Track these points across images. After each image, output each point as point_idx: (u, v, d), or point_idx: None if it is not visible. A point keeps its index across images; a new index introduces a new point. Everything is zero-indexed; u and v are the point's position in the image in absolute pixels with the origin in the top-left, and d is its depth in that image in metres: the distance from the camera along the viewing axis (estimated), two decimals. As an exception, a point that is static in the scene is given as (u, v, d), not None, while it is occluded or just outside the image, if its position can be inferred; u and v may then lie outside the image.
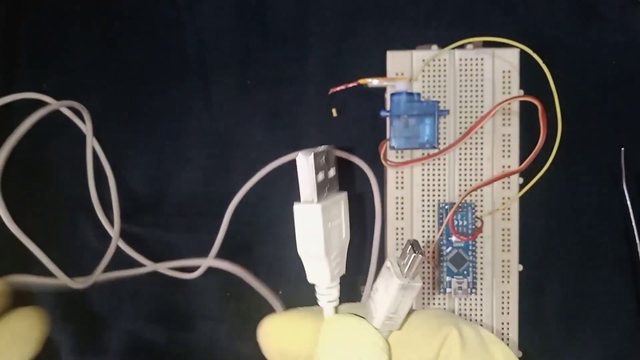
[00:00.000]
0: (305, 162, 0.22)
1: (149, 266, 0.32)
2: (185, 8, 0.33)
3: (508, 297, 0.30)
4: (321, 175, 0.22)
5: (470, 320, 0.30)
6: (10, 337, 0.22)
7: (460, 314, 0.30)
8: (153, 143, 0.33)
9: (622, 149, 0.31)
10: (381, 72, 0.31)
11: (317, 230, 0.21)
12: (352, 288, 0.31)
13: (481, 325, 0.30)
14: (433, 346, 0.21)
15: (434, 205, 0.30)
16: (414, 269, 0.21)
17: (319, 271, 0.23)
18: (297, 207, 0.22)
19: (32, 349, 0.23)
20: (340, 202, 0.24)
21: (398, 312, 0.21)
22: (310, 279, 0.23)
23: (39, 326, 0.24)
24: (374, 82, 0.30)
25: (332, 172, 0.24)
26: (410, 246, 0.21)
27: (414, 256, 0.20)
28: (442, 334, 0.21)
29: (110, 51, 0.33)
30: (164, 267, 0.31)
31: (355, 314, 0.23)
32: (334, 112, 0.32)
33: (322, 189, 0.22)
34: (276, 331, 0.23)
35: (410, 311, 0.22)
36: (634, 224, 0.30)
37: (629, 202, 0.30)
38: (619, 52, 0.31)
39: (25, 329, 0.23)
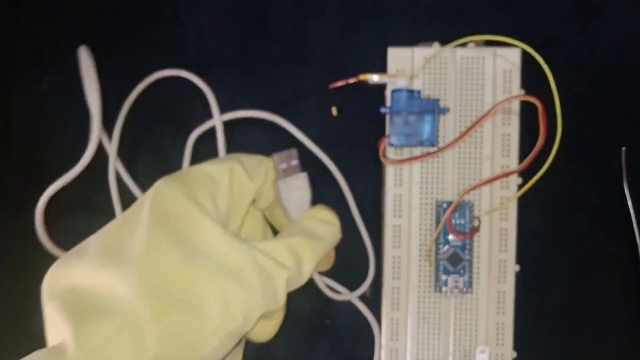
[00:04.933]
0: None
1: None
2: (185, 7, 0.33)
3: (504, 298, 0.30)
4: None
5: (466, 319, 0.30)
6: None
7: (456, 313, 0.30)
8: (153, 142, 0.33)
9: (623, 148, 0.30)
10: (381, 72, 0.30)
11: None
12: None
13: (476, 323, 0.30)
14: None
15: (432, 203, 0.30)
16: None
17: None
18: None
19: None
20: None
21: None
22: None
23: None
24: (374, 78, 0.30)
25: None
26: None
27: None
28: None
29: (110, 51, 0.33)
30: None
31: None
32: (334, 111, 0.32)
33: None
34: None
35: None
36: (635, 224, 0.30)
37: (630, 203, 0.30)
38: (619, 51, 0.31)
39: None
